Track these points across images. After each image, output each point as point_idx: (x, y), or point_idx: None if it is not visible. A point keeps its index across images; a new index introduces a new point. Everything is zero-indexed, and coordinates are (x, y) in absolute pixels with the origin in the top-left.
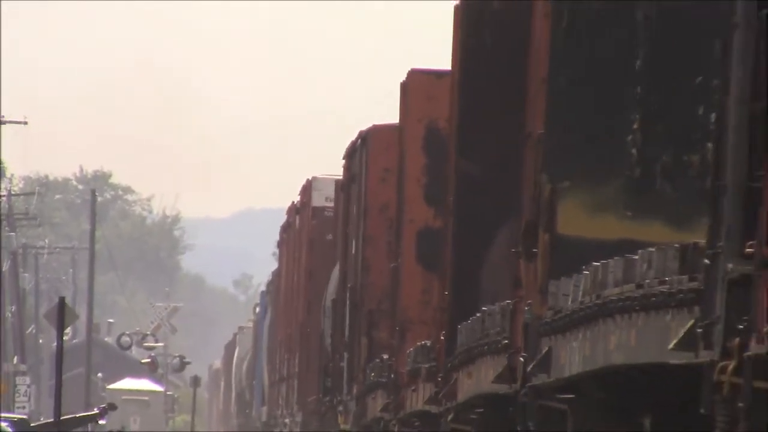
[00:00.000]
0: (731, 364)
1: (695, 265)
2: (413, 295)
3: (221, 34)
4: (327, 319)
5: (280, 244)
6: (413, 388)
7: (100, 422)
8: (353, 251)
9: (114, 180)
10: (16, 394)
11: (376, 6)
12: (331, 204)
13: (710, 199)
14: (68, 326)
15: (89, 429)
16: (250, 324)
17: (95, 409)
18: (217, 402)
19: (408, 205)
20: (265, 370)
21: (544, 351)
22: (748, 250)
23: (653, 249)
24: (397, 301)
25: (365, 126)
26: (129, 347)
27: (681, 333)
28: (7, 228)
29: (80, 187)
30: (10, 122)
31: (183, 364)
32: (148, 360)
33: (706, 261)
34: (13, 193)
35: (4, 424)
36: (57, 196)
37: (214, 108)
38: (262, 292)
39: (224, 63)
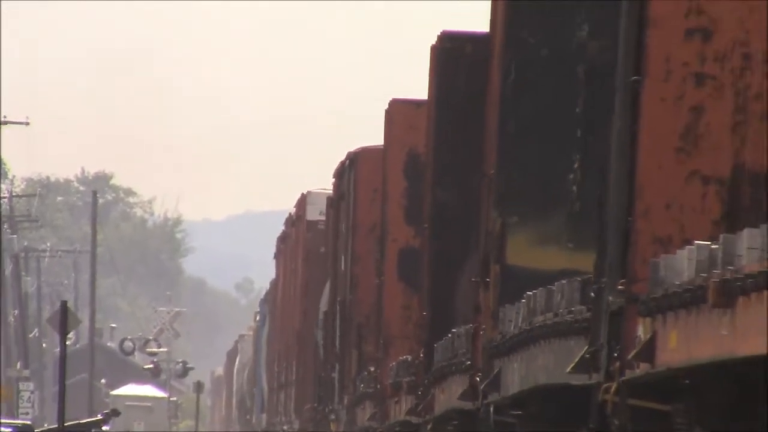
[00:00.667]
0: (613, 386)
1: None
2: (395, 311)
3: (221, 35)
4: (320, 331)
5: (277, 255)
6: (396, 399)
7: (104, 428)
8: (342, 267)
9: (115, 182)
10: (20, 400)
11: (377, 6)
12: (324, 218)
13: (597, 236)
14: (71, 331)
15: None
16: (251, 332)
17: (99, 415)
18: (219, 408)
19: (390, 226)
20: (264, 378)
21: (495, 371)
22: (619, 287)
23: (565, 281)
24: (381, 317)
25: (366, 131)
26: (132, 352)
27: (577, 358)
28: (8, 230)
29: (81, 188)
30: (12, 123)
31: (186, 370)
32: (151, 365)
33: (592, 294)
34: (14, 194)
35: (7, 430)
36: (58, 198)
37: (215, 110)
38: (261, 300)
39: (225, 65)
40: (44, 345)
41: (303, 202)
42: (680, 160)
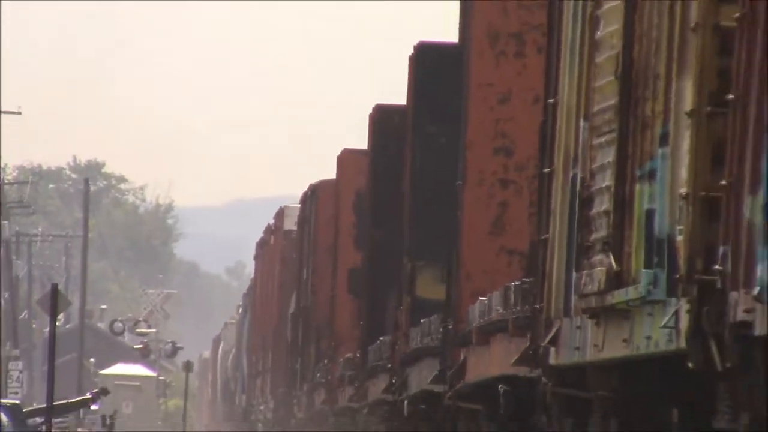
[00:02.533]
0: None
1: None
2: (344, 317)
3: (216, 25)
4: (290, 327)
5: (256, 257)
6: (342, 389)
7: (93, 407)
8: (305, 278)
9: (107, 169)
10: (9, 380)
11: (375, 5)
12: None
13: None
14: (61, 312)
15: (82, 414)
16: (234, 321)
17: (88, 394)
18: (206, 390)
19: (341, 250)
20: (245, 364)
21: (405, 374)
22: (449, 325)
23: (434, 316)
24: (333, 322)
25: (356, 125)
26: (121, 333)
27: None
28: (0, 216)
29: (74, 176)
30: (4, 112)
31: (175, 350)
32: (141, 345)
33: (445, 326)
34: (6, 182)
35: None
36: (50, 186)
37: (208, 98)
38: (244, 294)
39: (218, 52)
40: (34, 326)
41: (281, 214)
42: (492, 239)
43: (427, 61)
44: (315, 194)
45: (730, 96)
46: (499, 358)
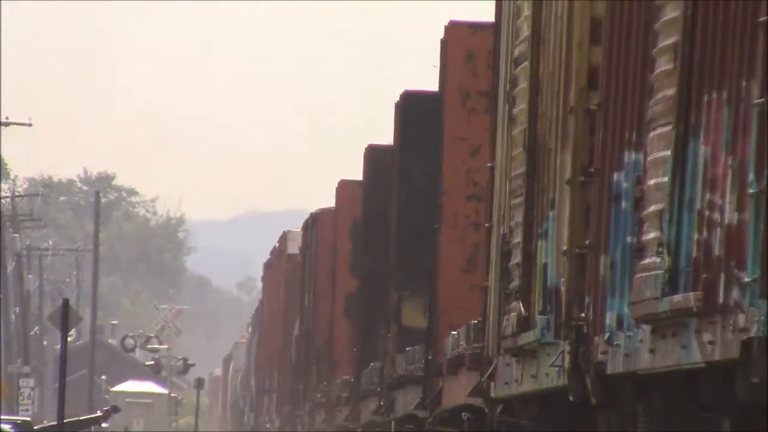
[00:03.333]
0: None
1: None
2: (342, 341)
3: (224, 35)
4: (294, 349)
5: (264, 278)
6: (339, 409)
7: (104, 425)
8: (307, 302)
9: (118, 182)
10: (20, 397)
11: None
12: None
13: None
14: (72, 328)
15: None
16: (244, 340)
17: (98, 411)
18: (216, 407)
19: (338, 276)
20: (253, 384)
21: (392, 398)
22: (429, 356)
23: (417, 347)
24: (332, 345)
25: (370, 131)
26: (133, 349)
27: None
28: (11, 229)
29: (84, 188)
30: (15, 124)
31: (186, 367)
32: (152, 362)
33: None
34: (17, 194)
35: (7, 427)
36: (61, 198)
37: (218, 110)
38: (253, 314)
39: (229, 65)
40: (45, 342)
41: (284, 238)
42: (465, 277)
43: (411, 108)
44: (315, 222)
45: (591, 169)
46: (464, 388)
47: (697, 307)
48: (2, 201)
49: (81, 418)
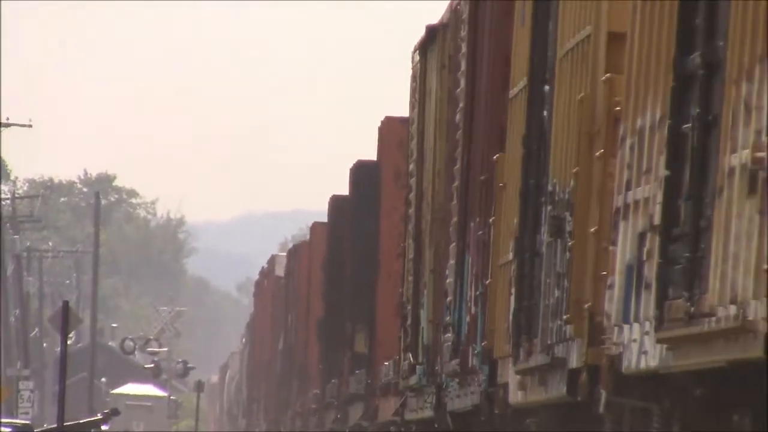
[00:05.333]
0: None
1: None
2: (314, 359)
3: (226, 36)
4: (278, 362)
5: (255, 294)
6: (310, 417)
7: (103, 428)
8: (289, 321)
9: (118, 183)
10: (20, 400)
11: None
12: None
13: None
14: (72, 331)
15: None
16: (238, 351)
17: (98, 414)
18: (214, 411)
19: (312, 303)
20: (245, 391)
21: (346, 411)
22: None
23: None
24: (307, 362)
25: (366, 136)
26: (132, 352)
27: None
28: (11, 231)
29: (84, 189)
30: (15, 125)
31: (186, 370)
32: (152, 365)
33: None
34: (17, 195)
35: (7, 430)
36: (61, 199)
37: (218, 112)
38: (246, 325)
39: (228, 65)
40: (45, 345)
41: (273, 261)
42: (396, 318)
43: (362, 174)
44: (296, 252)
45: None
46: (391, 408)
47: (455, 370)
48: (2, 202)
49: (81, 421)
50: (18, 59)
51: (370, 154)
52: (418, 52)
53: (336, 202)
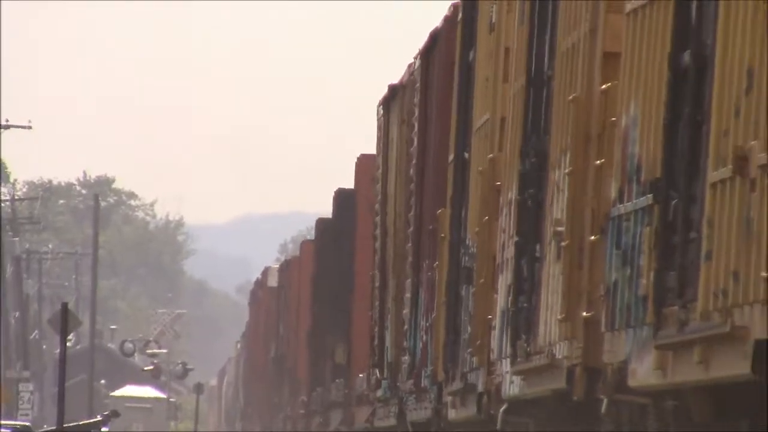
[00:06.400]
0: None
1: None
2: (303, 367)
3: (222, 36)
4: (271, 369)
5: (250, 304)
6: (299, 421)
7: (103, 429)
8: (281, 332)
9: (117, 185)
10: (19, 401)
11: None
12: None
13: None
14: (71, 332)
15: None
16: (235, 357)
17: (98, 416)
18: (212, 414)
19: (300, 315)
20: (241, 396)
21: (328, 416)
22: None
23: (363, 374)
24: (296, 369)
25: (365, 133)
26: (132, 354)
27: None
28: (10, 233)
29: (84, 191)
30: (14, 127)
31: (186, 371)
32: (151, 367)
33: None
34: (16, 197)
35: None
36: (60, 201)
37: (217, 113)
38: (243, 333)
39: (227, 66)
40: (44, 346)
41: (266, 273)
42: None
43: (342, 201)
44: (287, 266)
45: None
46: (364, 416)
47: (411, 388)
48: (2, 204)
49: (80, 422)
50: (18, 59)
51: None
52: (382, 106)
53: (321, 223)
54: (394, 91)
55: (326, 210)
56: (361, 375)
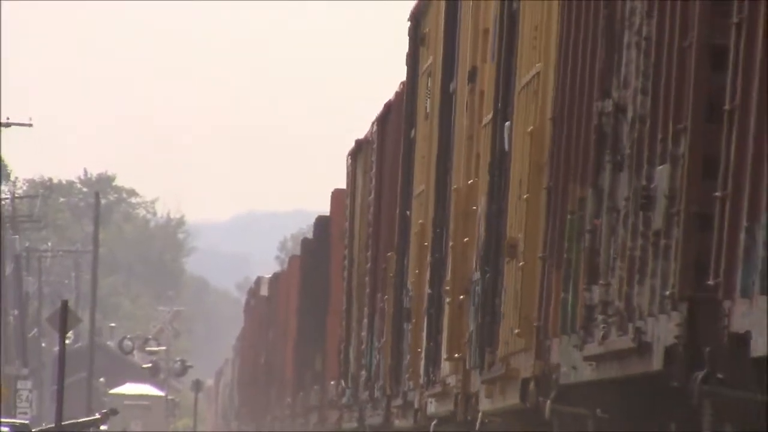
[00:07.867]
0: None
1: None
2: (290, 372)
3: (223, 35)
4: (261, 373)
5: (245, 311)
6: (285, 422)
7: (102, 427)
8: (270, 338)
9: (118, 183)
10: (18, 400)
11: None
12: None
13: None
14: (71, 330)
15: None
16: (231, 358)
17: (97, 414)
18: (211, 413)
19: (288, 323)
20: (236, 397)
21: (308, 418)
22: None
23: (334, 381)
24: (283, 374)
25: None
26: (131, 351)
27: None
28: (10, 231)
29: (84, 189)
30: (15, 124)
31: (184, 368)
32: (150, 365)
33: None
34: (17, 195)
35: (5, 429)
36: (61, 199)
37: (217, 111)
38: (237, 337)
39: (227, 66)
40: (43, 344)
41: (258, 282)
42: (345, 348)
43: (321, 225)
44: (276, 279)
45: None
46: (334, 419)
47: (367, 398)
48: (2, 202)
49: (79, 420)
50: (18, 59)
51: None
52: (350, 156)
53: (305, 243)
54: (359, 144)
55: (326, 208)
56: (332, 382)
